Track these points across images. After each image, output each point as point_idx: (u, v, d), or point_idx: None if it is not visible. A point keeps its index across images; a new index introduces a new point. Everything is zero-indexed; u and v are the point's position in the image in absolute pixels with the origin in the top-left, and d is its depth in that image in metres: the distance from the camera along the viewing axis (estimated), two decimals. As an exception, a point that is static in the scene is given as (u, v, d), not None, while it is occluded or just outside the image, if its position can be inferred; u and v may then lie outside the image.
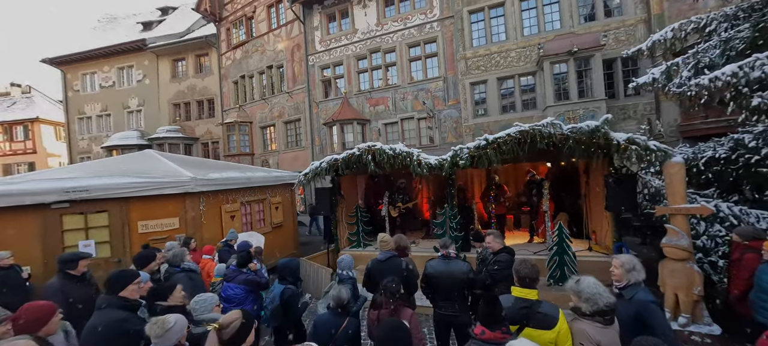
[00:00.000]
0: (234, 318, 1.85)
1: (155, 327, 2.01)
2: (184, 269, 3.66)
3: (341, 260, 3.57)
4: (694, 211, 4.24)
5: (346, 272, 3.46)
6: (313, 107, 14.24)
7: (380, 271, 3.51)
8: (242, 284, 3.64)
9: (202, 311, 2.60)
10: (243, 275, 3.73)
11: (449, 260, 3.15)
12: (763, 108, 3.79)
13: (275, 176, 8.34)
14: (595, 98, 9.36)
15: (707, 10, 8.34)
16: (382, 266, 3.51)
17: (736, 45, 4.78)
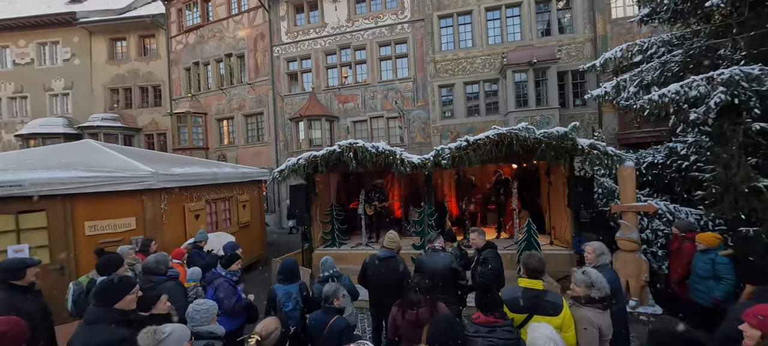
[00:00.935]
0: (273, 327, 1.73)
1: (146, 337, 1.79)
2: (172, 276, 3.30)
3: (324, 262, 3.50)
4: (643, 208, 4.89)
5: (330, 271, 3.40)
6: (278, 101, 13.61)
7: (378, 269, 3.52)
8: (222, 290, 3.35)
9: (203, 322, 2.37)
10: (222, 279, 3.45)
11: (434, 253, 3.31)
12: (697, 122, 4.52)
13: (243, 172, 7.83)
14: (550, 106, 10.29)
15: (641, 36, 9.67)
16: (380, 264, 3.51)
17: (672, 67, 5.61)
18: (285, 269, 3.26)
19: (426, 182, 6.63)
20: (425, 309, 2.36)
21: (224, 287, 3.27)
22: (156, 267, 3.41)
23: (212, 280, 3.39)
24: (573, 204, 5.79)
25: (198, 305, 2.41)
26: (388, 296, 3.50)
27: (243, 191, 7.80)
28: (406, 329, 2.43)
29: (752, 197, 4.15)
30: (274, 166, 13.22)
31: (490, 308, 2.14)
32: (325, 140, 12.40)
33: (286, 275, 3.23)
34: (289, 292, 3.14)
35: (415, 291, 2.44)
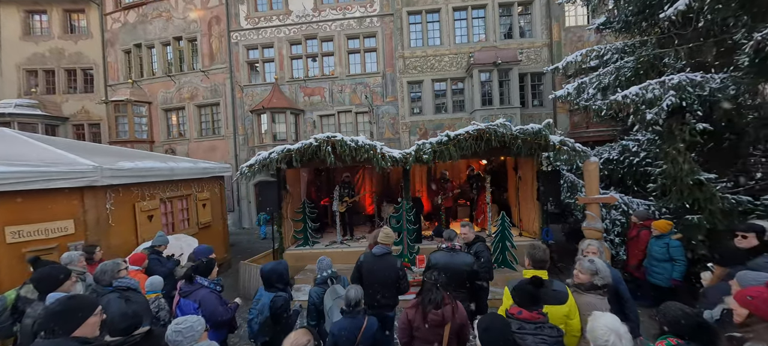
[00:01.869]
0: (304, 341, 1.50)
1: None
2: (117, 287, 2.79)
3: (321, 261, 3.25)
4: (605, 200, 5.33)
5: (328, 272, 3.17)
6: (237, 91, 12.63)
7: (374, 267, 3.35)
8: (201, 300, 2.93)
9: (190, 341, 2.01)
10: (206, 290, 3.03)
11: (454, 253, 3.22)
12: (651, 121, 5.03)
13: (203, 167, 7.09)
14: (512, 106, 10.86)
15: (590, 43, 10.60)
16: (376, 261, 3.35)
17: (625, 72, 6.20)
18: (261, 274, 2.95)
19: (404, 177, 6.57)
20: (449, 307, 2.26)
21: (211, 300, 2.86)
22: (101, 276, 2.88)
23: (192, 292, 2.95)
24: (542, 197, 6.14)
25: (179, 325, 2.03)
26: (384, 295, 3.37)
27: (203, 188, 7.08)
28: (426, 330, 2.28)
29: (695, 189, 4.72)
30: (232, 161, 12.28)
31: (535, 304, 2.08)
32: (290, 135, 11.80)
33: (263, 281, 2.94)
34: (259, 299, 2.87)
35: (437, 288, 2.30)
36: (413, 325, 2.32)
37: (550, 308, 2.43)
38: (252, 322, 2.82)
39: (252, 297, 5.68)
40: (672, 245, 4.26)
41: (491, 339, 1.77)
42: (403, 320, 2.41)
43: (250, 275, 5.93)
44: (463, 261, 3.12)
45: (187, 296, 2.98)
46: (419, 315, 2.29)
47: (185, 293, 3.02)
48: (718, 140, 5.27)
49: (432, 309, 2.23)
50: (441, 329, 2.24)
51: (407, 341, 2.43)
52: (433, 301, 2.24)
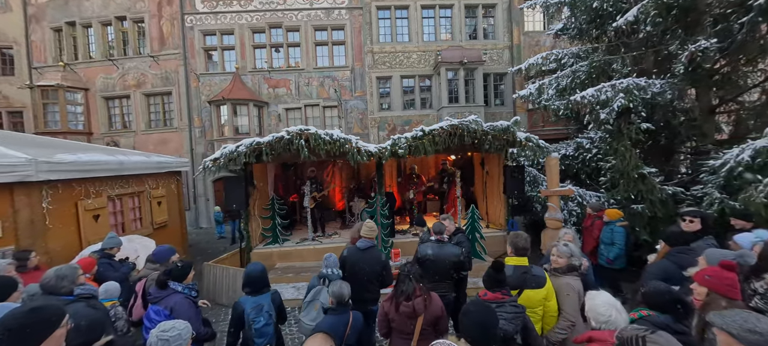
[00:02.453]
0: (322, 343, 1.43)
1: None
2: (81, 296, 2.45)
3: (327, 258, 3.14)
4: (564, 192, 5.78)
5: (334, 270, 3.07)
6: (192, 80, 11.68)
7: (359, 261, 3.31)
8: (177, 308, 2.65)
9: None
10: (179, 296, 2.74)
11: (443, 244, 3.28)
12: (604, 121, 5.56)
13: (158, 161, 6.46)
14: (477, 104, 11.34)
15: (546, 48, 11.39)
16: (361, 255, 3.31)
17: (580, 76, 6.77)
18: (251, 277, 2.73)
19: (377, 171, 6.56)
20: (420, 299, 2.27)
21: (186, 307, 2.58)
22: (56, 285, 2.51)
23: (163, 298, 2.66)
24: (508, 191, 6.50)
25: (166, 332, 1.82)
26: (370, 290, 3.35)
27: (158, 185, 6.46)
28: (400, 321, 2.31)
29: (639, 181, 5.30)
30: (187, 155, 11.36)
31: (498, 286, 2.21)
32: (253, 128, 11.20)
33: (254, 285, 2.72)
34: (259, 305, 2.65)
35: (409, 280, 2.32)
36: (389, 316, 2.34)
37: (530, 291, 2.59)
38: (265, 328, 2.62)
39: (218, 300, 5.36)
40: (615, 230, 4.76)
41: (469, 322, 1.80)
42: (380, 313, 2.42)
43: (216, 277, 5.56)
44: (451, 252, 3.20)
45: (158, 303, 2.70)
46: (393, 306, 2.32)
47: (155, 299, 2.72)
48: (656, 138, 5.96)
49: (403, 300, 2.25)
50: (414, 321, 2.26)
51: (386, 332, 2.44)
52: (405, 292, 2.27)
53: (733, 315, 1.39)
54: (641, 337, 1.18)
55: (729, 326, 1.37)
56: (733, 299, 1.95)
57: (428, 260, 3.13)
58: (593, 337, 1.75)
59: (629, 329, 1.27)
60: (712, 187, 4.68)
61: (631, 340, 1.20)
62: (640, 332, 1.22)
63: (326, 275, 3.03)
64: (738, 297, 1.99)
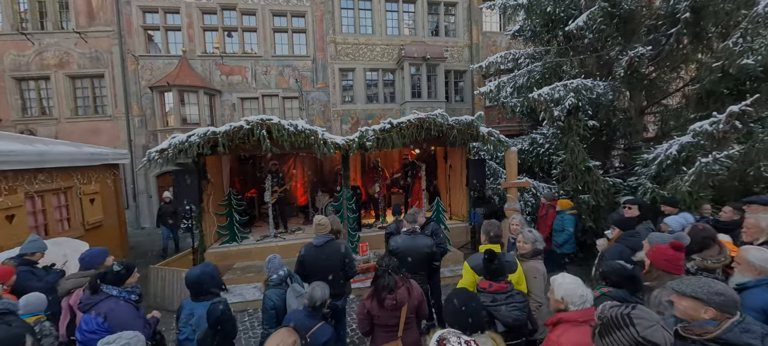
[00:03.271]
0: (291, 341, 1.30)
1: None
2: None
3: (271, 259, 2.90)
4: (521, 184, 6.16)
5: (280, 273, 2.86)
6: (129, 62, 10.39)
7: (317, 258, 3.17)
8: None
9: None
10: (113, 300, 2.37)
11: (415, 235, 3.26)
12: (557, 118, 6.00)
13: (90, 153, 5.64)
14: (439, 100, 11.62)
15: (502, 48, 12.02)
16: (319, 252, 3.16)
17: (535, 75, 7.22)
18: (188, 279, 2.44)
19: (343, 164, 6.41)
20: (403, 289, 2.27)
21: (121, 313, 2.24)
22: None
23: (95, 304, 2.30)
24: (471, 183, 6.76)
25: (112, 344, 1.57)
26: (333, 285, 3.24)
27: (90, 179, 5.64)
28: (385, 316, 2.27)
29: (585, 173, 5.82)
30: (124, 147, 10.13)
31: (501, 274, 2.23)
32: (204, 118, 10.30)
33: (191, 288, 2.44)
34: (190, 313, 2.39)
35: (389, 273, 2.28)
36: (372, 313, 2.28)
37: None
38: (185, 342, 2.34)
39: (170, 308, 4.86)
40: (566, 218, 5.21)
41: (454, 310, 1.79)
42: (361, 312, 2.34)
43: (165, 282, 5.04)
44: (424, 243, 3.20)
45: (89, 310, 2.31)
46: (376, 303, 2.27)
47: (86, 306, 2.34)
48: (599, 135, 6.59)
49: (387, 295, 2.22)
50: (398, 312, 2.26)
51: (368, 330, 2.38)
52: (387, 286, 2.24)
53: (699, 282, 1.55)
54: (626, 314, 1.25)
55: (696, 292, 1.52)
56: (676, 273, 2.21)
57: (400, 252, 3.11)
58: (562, 319, 1.83)
59: (609, 309, 1.34)
60: (644, 178, 5.29)
61: (618, 318, 1.26)
62: (623, 309, 1.29)
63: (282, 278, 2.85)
64: (681, 272, 2.26)
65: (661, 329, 1.23)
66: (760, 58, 4.10)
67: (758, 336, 1.38)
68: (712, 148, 4.30)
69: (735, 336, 1.43)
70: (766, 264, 1.99)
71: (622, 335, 1.24)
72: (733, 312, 1.46)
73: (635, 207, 3.76)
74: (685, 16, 4.67)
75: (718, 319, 1.48)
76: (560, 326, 1.81)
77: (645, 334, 1.20)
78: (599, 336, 1.32)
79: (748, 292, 2.01)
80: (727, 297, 1.47)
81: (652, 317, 1.22)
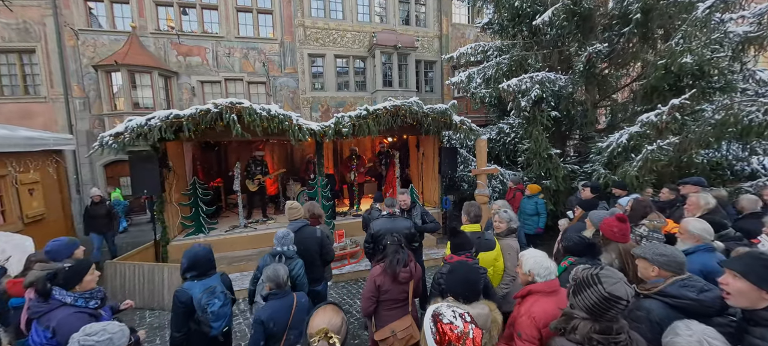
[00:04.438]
0: (339, 320, 1.33)
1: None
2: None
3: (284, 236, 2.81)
4: (491, 171, 6.47)
5: (289, 247, 2.82)
6: (67, 37, 9.22)
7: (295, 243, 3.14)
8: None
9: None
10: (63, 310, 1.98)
11: (394, 218, 3.32)
12: (524, 108, 6.35)
13: (25, 137, 4.98)
14: (410, 89, 11.71)
15: (470, 40, 12.36)
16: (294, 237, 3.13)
17: (503, 68, 7.55)
18: (198, 259, 2.37)
19: (318, 152, 6.29)
20: (413, 263, 2.41)
21: (71, 324, 1.89)
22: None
23: (44, 313, 1.96)
24: (443, 170, 6.97)
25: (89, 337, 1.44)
26: (312, 271, 3.23)
27: (28, 167, 5.00)
28: (396, 290, 2.36)
29: (547, 161, 6.27)
30: (63, 132, 9.05)
31: (462, 248, 2.38)
32: (159, 102, 9.48)
33: (202, 267, 2.39)
34: (210, 287, 2.35)
35: (401, 248, 2.39)
36: (382, 289, 2.33)
37: (483, 254, 2.86)
38: (223, 308, 2.35)
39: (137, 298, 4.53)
40: (539, 203, 5.59)
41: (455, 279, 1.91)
42: (370, 289, 2.38)
43: (125, 278, 4.67)
44: (403, 225, 3.29)
45: (38, 319, 1.98)
46: (388, 278, 2.33)
47: (34, 315, 2.00)
48: (559, 125, 7.09)
49: (401, 268, 2.31)
50: (407, 286, 2.37)
51: (374, 309, 2.42)
52: (402, 260, 2.34)
53: (649, 246, 1.78)
54: (595, 274, 1.40)
55: (645, 253, 1.75)
56: (623, 242, 2.50)
57: (380, 235, 3.18)
58: (532, 290, 1.95)
59: (581, 271, 1.49)
60: (598, 165, 5.82)
61: (588, 278, 1.41)
62: (592, 270, 1.44)
63: (282, 252, 2.80)
64: (627, 240, 2.56)
65: (624, 285, 1.40)
66: (697, 58, 4.66)
67: (695, 290, 1.62)
68: (656, 137, 4.83)
69: (674, 290, 1.68)
70: (702, 233, 2.32)
71: (591, 293, 1.39)
72: (678, 271, 1.70)
73: (588, 189, 4.17)
74: (637, 17, 5.15)
75: (665, 277, 1.73)
76: (530, 297, 1.92)
77: (610, 289, 1.35)
78: (572, 295, 1.47)
79: (688, 257, 2.34)
80: (669, 258, 1.72)
81: (616, 275, 1.39)
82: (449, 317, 1.39)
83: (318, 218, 3.79)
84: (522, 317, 1.89)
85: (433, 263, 5.78)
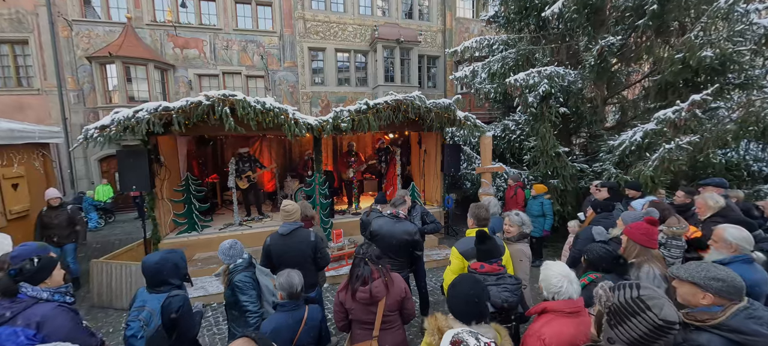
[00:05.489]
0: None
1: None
2: None
3: (232, 246, 2.49)
4: (496, 169, 6.22)
5: (240, 261, 2.52)
6: (61, 28, 8.99)
7: (284, 247, 2.89)
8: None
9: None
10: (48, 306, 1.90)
11: (398, 220, 3.07)
12: (530, 104, 6.08)
13: (9, 129, 4.75)
14: (412, 84, 11.45)
15: (474, 35, 12.06)
16: (285, 240, 2.87)
17: (509, 62, 7.26)
18: (145, 266, 2.05)
19: (315, 147, 6.04)
20: (379, 282, 2.01)
21: (62, 319, 1.82)
22: None
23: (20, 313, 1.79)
24: (446, 168, 6.71)
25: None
26: (305, 276, 2.99)
27: (12, 161, 4.77)
28: (359, 310, 2.03)
29: (555, 159, 6.00)
30: (57, 125, 8.84)
31: (492, 256, 2.12)
32: (155, 95, 9.28)
33: (147, 278, 2.06)
34: (143, 305, 2.00)
35: (364, 263, 2.04)
36: (345, 306, 2.06)
37: (493, 259, 2.62)
38: (131, 339, 1.96)
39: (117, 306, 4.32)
40: (545, 204, 5.34)
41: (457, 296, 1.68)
42: (336, 303, 2.12)
43: (111, 277, 4.46)
44: (405, 229, 3.03)
45: (8, 322, 1.77)
46: (348, 295, 2.04)
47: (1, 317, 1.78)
48: (567, 122, 6.81)
49: (359, 286, 1.99)
50: (374, 307, 2.02)
51: (344, 324, 2.15)
52: (360, 277, 2.00)
53: (696, 266, 1.51)
54: (637, 298, 1.15)
55: (692, 276, 1.48)
56: (651, 247, 2.24)
57: (378, 235, 2.94)
58: (547, 308, 1.73)
59: (613, 295, 1.24)
60: (609, 164, 5.55)
61: (630, 304, 1.16)
62: (628, 293, 1.19)
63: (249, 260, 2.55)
64: (656, 246, 2.30)
65: (670, 304, 1.15)
66: (718, 51, 4.38)
67: (765, 323, 1.35)
68: (672, 135, 4.55)
69: (738, 322, 1.37)
70: (741, 242, 2.05)
71: (639, 322, 1.14)
72: (736, 299, 1.43)
73: (604, 189, 3.90)
74: (653, 8, 4.85)
75: (721, 305, 1.44)
76: (544, 316, 1.71)
77: (663, 315, 1.11)
78: (609, 326, 1.22)
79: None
80: (727, 283, 1.43)
81: (658, 293, 1.14)
82: (472, 344, 1.17)
83: (310, 220, 3.55)
84: (531, 337, 1.65)
85: (434, 264, 5.54)
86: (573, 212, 5.78)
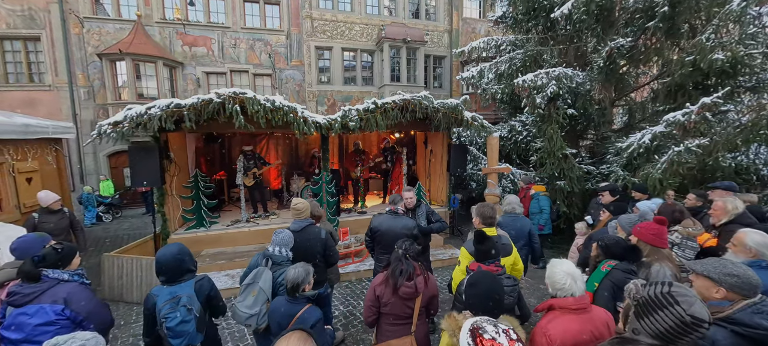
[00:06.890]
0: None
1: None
2: None
3: (278, 234, 2.63)
4: (502, 170, 6.22)
5: (282, 250, 2.62)
6: (72, 25, 9.11)
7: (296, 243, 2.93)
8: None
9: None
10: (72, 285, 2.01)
11: (397, 216, 3.12)
12: (538, 105, 6.07)
13: (23, 124, 4.84)
14: (418, 84, 11.46)
15: (480, 35, 12.03)
16: (297, 237, 2.91)
17: (516, 63, 7.26)
18: (163, 262, 2.04)
19: (323, 146, 6.08)
20: (421, 278, 2.08)
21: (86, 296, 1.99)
22: None
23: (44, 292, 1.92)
24: (452, 168, 6.72)
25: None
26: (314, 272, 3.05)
27: (25, 156, 4.87)
28: (397, 305, 2.08)
29: (562, 160, 5.99)
30: (67, 121, 8.97)
31: (490, 257, 2.14)
32: (163, 92, 9.37)
33: (168, 272, 2.05)
34: (175, 296, 2.01)
35: (406, 259, 2.09)
36: (382, 300, 2.10)
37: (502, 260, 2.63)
38: (182, 325, 1.99)
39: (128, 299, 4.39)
40: (541, 199, 5.39)
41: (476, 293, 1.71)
42: (370, 298, 2.15)
43: (122, 270, 4.53)
44: (404, 225, 3.07)
45: (33, 301, 1.90)
46: (389, 289, 2.07)
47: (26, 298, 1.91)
48: (574, 124, 6.79)
49: (404, 281, 2.04)
50: (412, 302, 2.09)
51: (374, 319, 2.19)
52: (405, 272, 2.05)
53: (712, 262, 1.53)
54: (668, 293, 1.17)
55: (708, 271, 1.50)
56: (661, 247, 2.25)
57: (379, 232, 2.97)
58: (554, 305, 1.76)
59: (643, 289, 1.26)
60: (616, 166, 5.53)
61: (659, 298, 1.17)
62: (659, 288, 1.20)
63: (270, 255, 2.59)
64: (666, 245, 2.31)
65: (702, 304, 1.17)
66: (729, 54, 4.35)
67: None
68: (682, 138, 4.53)
69: (745, 316, 1.41)
70: (762, 248, 2.02)
71: (666, 315, 1.16)
72: (750, 295, 1.45)
73: (607, 193, 3.92)
74: (664, 10, 4.83)
75: (732, 300, 1.47)
76: (550, 312, 1.74)
77: (692, 312, 1.13)
78: (636, 317, 1.24)
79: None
80: (741, 279, 1.46)
81: (691, 293, 1.16)
82: (491, 332, 1.20)
83: (318, 219, 3.59)
84: (537, 334, 1.67)
85: (439, 264, 5.56)
86: (579, 213, 5.78)
